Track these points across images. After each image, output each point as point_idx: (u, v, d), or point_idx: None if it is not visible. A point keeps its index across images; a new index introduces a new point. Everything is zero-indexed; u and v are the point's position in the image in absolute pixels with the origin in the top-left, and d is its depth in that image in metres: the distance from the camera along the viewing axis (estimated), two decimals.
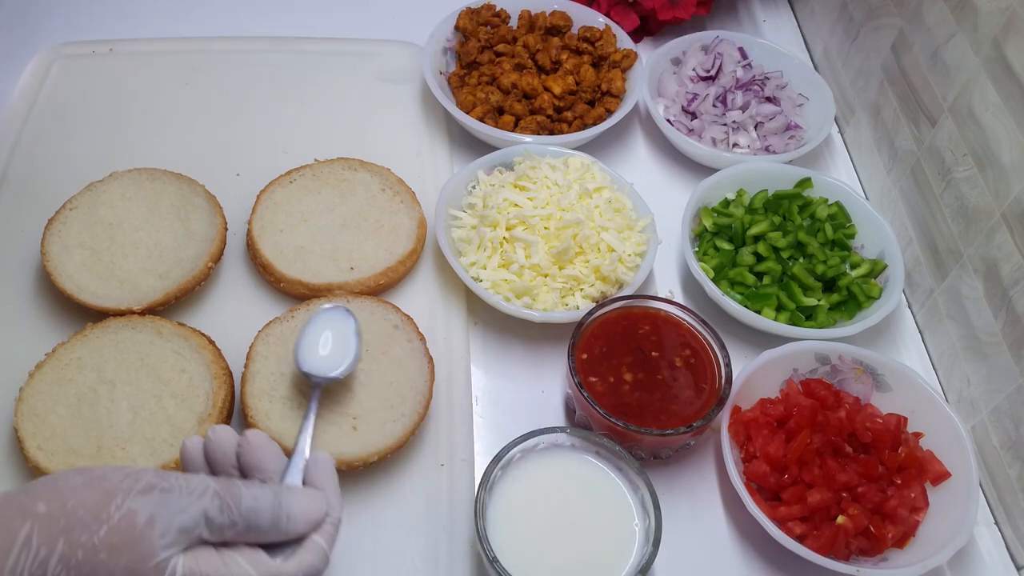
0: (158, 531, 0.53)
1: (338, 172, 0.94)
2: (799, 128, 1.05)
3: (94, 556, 0.51)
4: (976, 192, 0.81)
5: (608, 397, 0.77)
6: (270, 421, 0.75)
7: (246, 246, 0.91)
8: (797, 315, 0.88)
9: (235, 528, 0.56)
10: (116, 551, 0.51)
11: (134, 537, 0.52)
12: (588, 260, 0.87)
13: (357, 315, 0.79)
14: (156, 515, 0.53)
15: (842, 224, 0.95)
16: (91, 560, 0.51)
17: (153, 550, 0.52)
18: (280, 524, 0.58)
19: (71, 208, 0.88)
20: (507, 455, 0.71)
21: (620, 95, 1.05)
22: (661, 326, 0.83)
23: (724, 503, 0.79)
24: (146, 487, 0.54)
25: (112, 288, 0.83)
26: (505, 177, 0.94)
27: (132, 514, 0.53)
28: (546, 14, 1.10)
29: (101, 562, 0.51)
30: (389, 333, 0.81)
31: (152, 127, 1.02)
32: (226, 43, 1.12)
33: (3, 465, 0.75)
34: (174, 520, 0.53)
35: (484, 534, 0.68)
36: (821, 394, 0.80)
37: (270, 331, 0.81)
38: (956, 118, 0.85)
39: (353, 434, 0.75)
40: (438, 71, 1.06)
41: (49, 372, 0.77)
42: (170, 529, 0.53)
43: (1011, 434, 0.76)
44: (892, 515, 0.74)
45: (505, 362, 0.87)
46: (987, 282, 0.80)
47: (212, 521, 0.55)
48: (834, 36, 1.12)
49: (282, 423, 0.75)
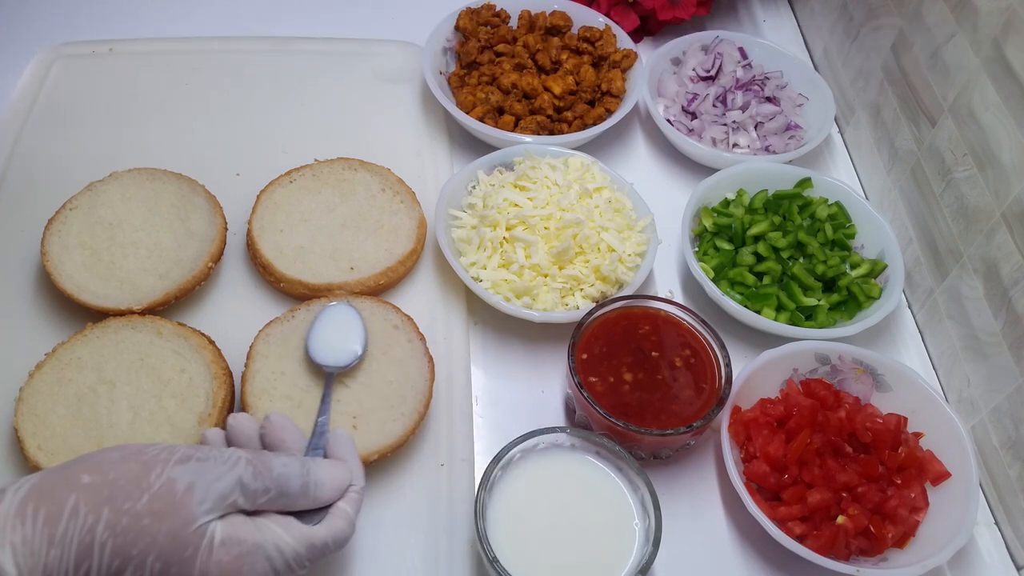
0: (197, 497, 0.56)
1: (338, 172, 0.94)
2: (799, 128, 1.05)
3: (138, 522, 0.54)
4: (976, 192, 0.81)
5: (608, 397, 0.77)
6: None
7: (246, 246, 0.91)
8: (797, 315, 0.88)
9: (268, 494, 0.59)
10: (158, 517, 0.54)
11: (174, 503, 0.55)
12: (588, 260, 0.87)
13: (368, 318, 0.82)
14: (195, 482, 0.56)
15: (842, 224, 0.95)
16: (135, 526, 0.54)
17: (193, 515, 0.55)
18: (309, 490, 0.61)
19: (71, 208, 0.88)
20: (507, 455, 0.71)
21: (620, 95, 1.05)
22: (661, 326, 0.83)
23: (724, 503, 0.79)
24: (183, 457, 0.57)
25: (112, 288, 0.83)
26: (505, 177, 0.94)
27: (172, 482, 0.56)
28: (546, 14, 1.10)
29: (145, 527, 0.54)
30: (389, 333, 0.81)
31: (152, 127, 1.02)
32: (226, 43, 1.12)
33: (3, 465, 0.75)
34: (212, 487, 0.56)
35: (484, 534, 0.68)
36: (821, 394, 0.80)
37: (270, 331, 0.81)
38: (956, 118, 0.85)
39: (353, 433, 0.75)
40: (438, 71, 1.06)
41: (49, 372, 0.77)
42: (208, 495, 0.56)
43: (1011, 434, 0.76)
44: (892, 515, 0.74)
45: (505, 362, 0.87)
46: (987, 282, 0.80)
47: (247, 487, 0.58)
48: (834, 36, 1.12)
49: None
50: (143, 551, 0.54)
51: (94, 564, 0.53)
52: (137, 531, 0.54)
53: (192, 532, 0.55)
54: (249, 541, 0.57)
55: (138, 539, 0.54)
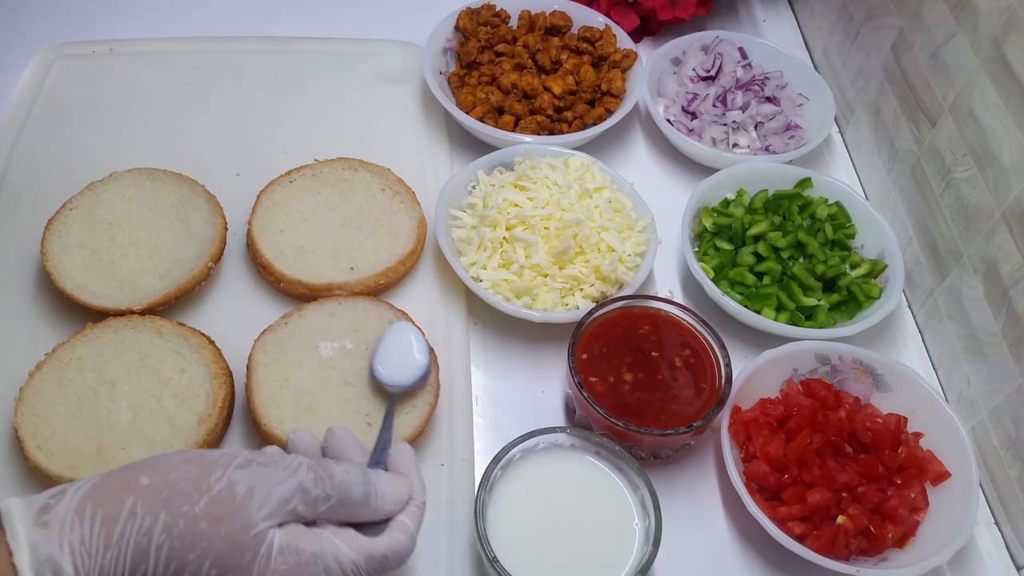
0: (257, 502, 0.54)
1: (338, 172, 0.94)
2: (799, 128, 1.05)
3: (195, 525, 0.53)
4: (976, 192, 0.81)
5: (608, 397, 0.77)
6: (283, 426, 0.75)
7: (246, 246, 0.91)
8: (797, 315, 0.88)
9: (329, 502, 0.57)
10: (217, 520, 0.53)
11: (234, 507, 0.54)
12: (588, 260, 0.87)
13: (356, 314, 0.82)
14: (255, 487, 0.55)
15: (842, 224, 0.95)
16: (193, 529, 0.53)
17: (252, 520, 0.54)
18: (371, 500, 0.60)
19: (71, 208, 0.88)
20: (507, 455, 0.71)
21: (620, 95, 1.05)
22: (661, 326, 0.83)
23: (724, 503, 0.79)
24: (244, 462, 0.56)
25: (112, 288, 0.83)
26: (505, 177, 0.94)
27: (232, 485, 0.55)
28: (546, 14, 1.10)
29: (202, 531, 0.53)
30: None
31: (152, 127, 1.02)
32: (226, 43, 1.12)
33: (3, 465, 0.75)
34: (272, 492, 0.55)
35: (484, 534, 0.68)
36: (821, 394, 0.80)
37: (266, 339, 0.81)
38: (956, 118, 0.85)
39: (368, 430, 0.75)
40: (438, 71, 1.06)
41: (49, 372, 0.77)
42: (268, 500, 0.55)
43: (1011, 434, 0.76)
44: (892, 515, 0.74)
45: (505, 362, 0.87)
46: (987, 282, 0.80)
47: (308, 493, 0.56)
48: (834, 36, 1.12)
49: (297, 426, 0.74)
50: (200, 555, 0.53)
51: (150, 567, 0.52)
52: (195, 534, 0.53)
53: (250, 538, 0.54)
54: (308, 550, 0.55)
55: (195, 543, 0.53)
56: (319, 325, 0.81)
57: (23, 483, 0.74)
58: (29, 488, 0.74)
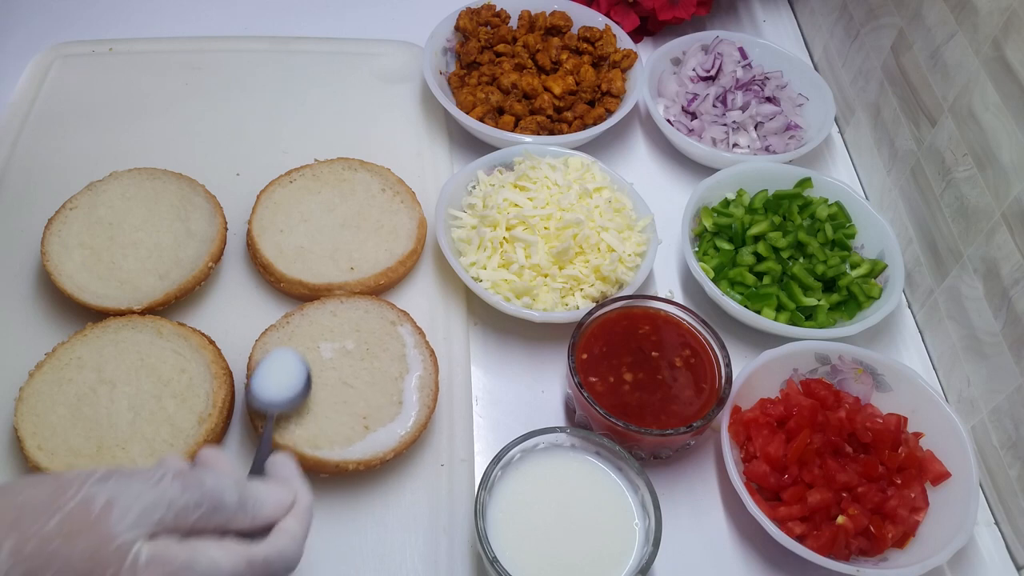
0: (116, 514, 0.50)
1: (338, 172, 0.94)
2: (799, 128, 1.05)
3: (47, 545, 0.49)
4: (976, 192, 0.81)
5: (608, 397, 0.77)
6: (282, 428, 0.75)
7: (246, 246, 0.91)
8: (797, 315, 0.88)
9: (200, 509, 0.53)
10: (71, 537, 0.49)
11: (90, 521, 0.50)
12: (588, 260, 0.87)
13: (358, 314, 0.82)
14: (114, 498, 0.51)
15: (842, 224, 0.95)
16: (44, 549, 0.49)
17: (112, 533, 0.50)
18: (247, 505, 0.55)
19: (71, 208, 0.88)
20: (507, 455, 0.71)
21: (620, 95, 1.05)
22: (661, 326, 0.83)
23: (724, 503, 0.79)
24: (104, 475, 0.52)
25: (112, 288, 0.83)
26: (505, 177, 0.94)
27: (89, 499, 0.50)
28: (546, 14, 1.10)
29: (55, 550, 0.49)
30: (388, 331, 0.81)
31: (152, 127, 1.01)
32: (226, 43, 1.12)
33: (3, 465, 0.75)
34: (135, 502, 0.51)
35: (484, 534, 0.68)
36: (821, 394, 0.80)
37: (267, 339, 0.81)
38: (956, 118, 0.85)
39: (365, 433, 0.75)
40: (438, 71, 1.06)
41: (49, 372, 0.77)
42: (130, 511, 0.51)
43: (1011, 434, 0.76)
44: (892, 515, 0.74)
45: (505, 362, 0.87)
46: (987, 282, 0.80)
47: (174, 501, 0.52)
48: (834, 36, 1.12)
49: (295, 428, 0.75)
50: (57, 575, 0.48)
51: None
52: (47, 554, 0.48)
53: (112, 551, 0.49)
54: (180, 559, 0.51)
55: (48, 563, 0.48)
56: (320, 325, 0.81)
57: None
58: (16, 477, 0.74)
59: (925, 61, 0.90)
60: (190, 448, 0.73)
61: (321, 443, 0.74)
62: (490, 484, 0.70)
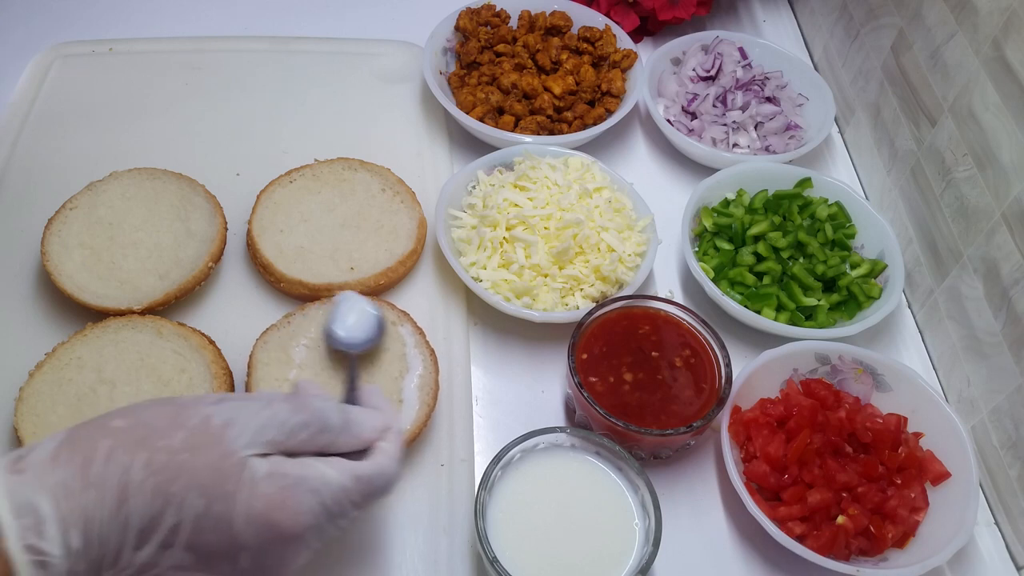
0: (234, 432, 0.54)
1: (338, 172, 0.94)
2: (799, 128, 1.05)
3: (175, 457, 0.53)
4: (976, 192, 0.81)
5: (608, 397, 0.77)
6: None
7: (246, 246, 0.91)
8: (797, 315, 0.88)
9: (308, 429, 0.57)
10: (196, 451, 0.53)
11: (212, 437, 0.54)
12: (588, 260, 0.87)
13: None
14: (232, 418, 0.55)
15: (842, 224, 0.95)
16: (173, 461, 0.52)
17: (231, 448, 0.54)
18: (350, 426, 0.60)
19: (71, 208, 0.88)
20: (507, 455, 0.71)
21: (620, 95, 1.05)
22: (661, 326, 0.83)
23: (724, 503, 0.79)
24: (218, 399, 0.57)
25: (112, 288, 0.83)
26: (505, 177, 0.94)
27: (208, 418, 0.55)
28: (546, 14, 1.10)
29: (183, 462, 0.53)
30: (389, 331, 0.81)
31: (152, 127, 1.01)
32: (226, 43, 1.12)
33: None
34: (249, 422, 0.55)
35: (484, 534, 0.68)
36: (821, 394, 0.80)
37: (268, 337, 0.81)
38: (956, 118, 0.85)
39: None
40: (438, 71, 1.06)
41: (49, 372, 0.77)
42: (246, 429, 0.55)
43: (1011, 434, 0.76)
44: (892, 515, 0.74)
45: (505, 362, 0.87)
46: (987, 282, 0.80)
47: (285, 421, 0.56)
48: (834, 36, 1.12)
49: None
50: (184, 487, 0.52)
51: (133, 504, 0.51)
52: (176, 466, 0.52)
53: (232, 464, 0.53)
54: (293, 474, 0.55)
55: (177, 475, 0.52)
56: (321, 325, 0.81)
57: None
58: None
59: (925, 61, 0.90)
60: None
61: None
62: (490, 484, 0.70)
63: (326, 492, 0.56)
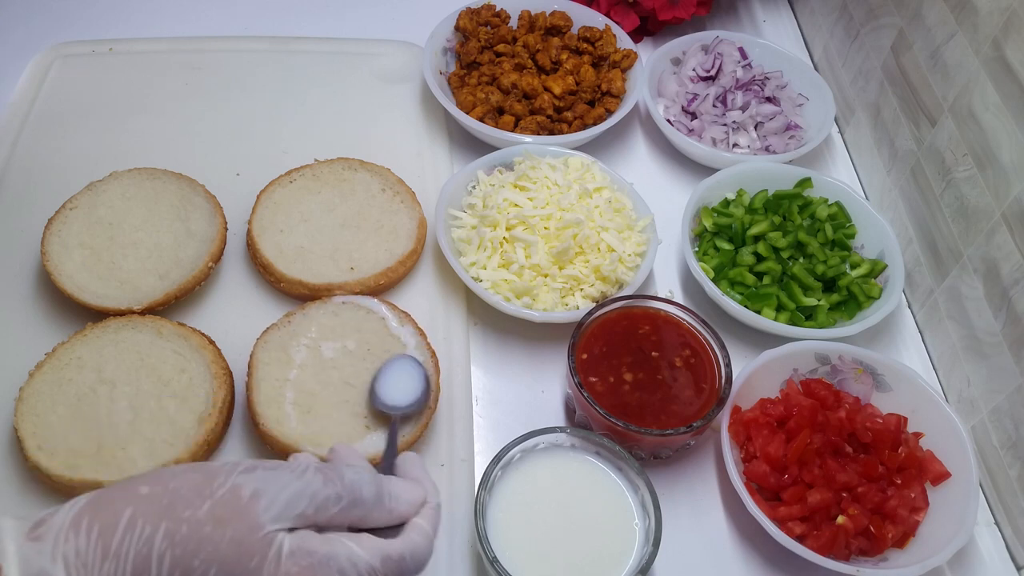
0: (263, 504, 0.52)
1: (338, 172, 0.94)
2: (799, 128, 1.05)
3: (199, 529, 0.51)
4: (976, 192, 0.81)
5: (608, 397, 0.77)
6: (282, 427, 0.75)
7: (246, 246, 0.91)
8: (797, 315, 0.88)
9: (340, 503, 0.55)
10: (221, 523, 0.51)
11: (239, 509, 0.52)
12: (588, 260, 0.87)
13: (357, 314, 0.82)
14: (261, 489, 0.53)
15: (842, 224, 0.95)
16: (196, 533, 0.51)
17: (259, 522, 0.52)
18: (384, 500, 0.57)
19: (71, 208, 0.88)
20: (507, 455, 0.71)
21: (620, 95, 1.05)
22: (661, 326, 0.83)
23: (724, 503, 0.79)
24: (249, 467, 0.54)
25: (112, 288, 0.83)
26: (505, 177, 0.94)
27: (236, 488, 0.53)
28: (546, 14, 1.10)
29: (207, 535, 0.51)
30: (389, 332, 0.81)
31: (152, 127, 1.02)
32: (226, 43, 1.12)
33: (3, 465, 0.75)
34: (279, 494, 0.53)
35: (484, 534, 0.68)
36: (821, 394, 0.80)
37: (268, 337, 0.81)
38: (956, 118, 0.85)
39: (367, 433, 0.75)
40: (438, 71, 1.06)
41: (49, 372, 0.77)
42: (275, 502, 0.53)
43: (1011, 434, 0.76)
44: (892, 515, 0.74)
45: (505, 362, 0.87)
46: (987, 282, 0.80)
47: (316, 494, 0.54)
48: (834, 36, 1.12)
49: (296, 427, 0.75)
50: (205, 561, 0.50)
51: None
52: (198, 539, 0.51)
53: (258, 540, 0.51)
54: (320, 552, 0.53)
55: (199, 548, 0.50)
56: (322, 324, 0.81)
57: (23, 483, 0.74)
58: (29, 488, 0.74)
59: (925, 61, 0.90)
60: (190, 448, 0.73)
61: (323, 442, 0.74)
62: (490, 484, 0.70)
63: (352, 572, 0.54)
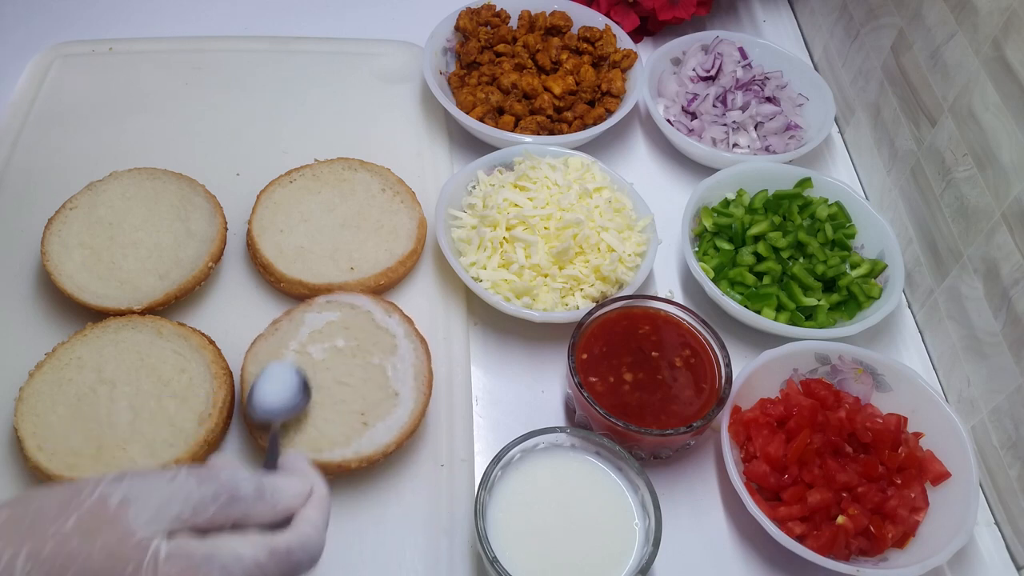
0: (133, 511, 0.49)
1: (338, 172, 0.94)
2: (799, 128, 1.05)
3: (66, 544, 0.48)
4: (976, 192, 0.81)
5: (608, 397, 0.77)
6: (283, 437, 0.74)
7: (246, 246, 0.91)
8: (797, 315, 0.88)
9: (217, 501, 0.52)
10: (90, 535, 0.48)
11: (108, 518, 0.49)
12: (588, 260, 0.87)
13: (340, 311, 0.82)
14: (130, 496, 0.50)
15: (842, 224, 0.95)
16: (63, 548, 0.48)
17: (131, 529, 0.49)
18: (265, 495, 0.54)
19: (71, 208, 0.88)
20: (507, 455, 0.71)
21: (620, 95, 1.05)
22: (661, 326, 0.83)
23: (724, 503, 0.79)
24: (118, 476, 0.51)
25: (112, 288, 0.83)
26: (505, 177, 0.94)
27: (104, 498, 0.50)
28: (546, 14, 1.10)
29: (75, 549, 0.48)
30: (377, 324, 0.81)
31: (152, 127, 1.02)
32: (226, 43, 1.12)
33: (3, 465, 0.75)
34: (150, 499, 0.50)
35: (484, 534, 0.68)
36: (821, 394, 0.80)
37: (257, 348, 0.80)
38: (956, 118, 0.85)
39: (363, 429, 0.75)
40: (438, 71, 1.06)
41: (49, 372, 0.77)
42: (146, 507, 0.50)
43: (1011, 434, 0.76)
44: (892, 515, 0.74)
45: (505, 362, 0.87)
46: (987, 282, 0.80)
47: (191, 495, 0.51)
48: (834, 36, 1.12)
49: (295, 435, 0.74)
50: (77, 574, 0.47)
51: None
52: (66, 554, 0.47)
53: (131, 547, 0.48)
54: (200, 552, 0.50)
55: (69, 562, 0.47)
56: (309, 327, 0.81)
57: (23, 483, 0.74)
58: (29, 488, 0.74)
59: (925, 61, 0.90)
60: (190, 448, 0.73)
61: (322, 445, 0.74)
62: (490, 484, 0.70)
63: (238, 569, 0.51)
